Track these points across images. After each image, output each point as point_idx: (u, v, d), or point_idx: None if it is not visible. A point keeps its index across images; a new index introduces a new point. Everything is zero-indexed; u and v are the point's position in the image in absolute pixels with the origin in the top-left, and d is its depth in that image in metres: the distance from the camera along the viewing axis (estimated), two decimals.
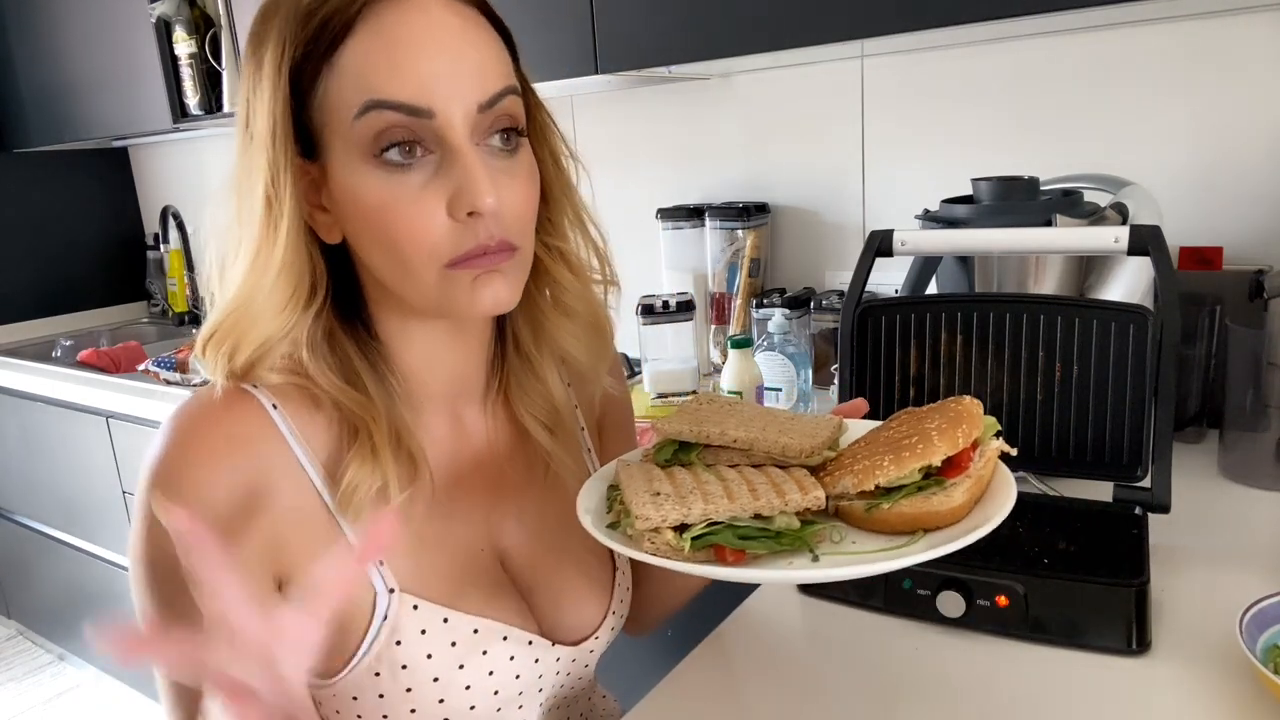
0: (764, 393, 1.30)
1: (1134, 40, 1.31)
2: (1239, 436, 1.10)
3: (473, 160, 0.59)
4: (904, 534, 0.62)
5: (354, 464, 0.64)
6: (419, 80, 0.57)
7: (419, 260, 0.60)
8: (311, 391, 0.65)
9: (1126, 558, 0.80)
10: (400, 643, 0.65)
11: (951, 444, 0.63)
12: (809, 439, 0.68)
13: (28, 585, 2.63)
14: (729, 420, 0.70)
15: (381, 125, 0.58)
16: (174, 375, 1.96)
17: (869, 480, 0.62)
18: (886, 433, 0.68)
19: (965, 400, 0.68)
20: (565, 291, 0.72)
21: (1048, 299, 0.95)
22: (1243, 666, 0.71)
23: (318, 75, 0.59)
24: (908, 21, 1.14)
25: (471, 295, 0.62)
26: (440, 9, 0.59)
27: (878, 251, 0.97)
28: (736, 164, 1.74)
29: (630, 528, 0.61)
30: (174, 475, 0.60)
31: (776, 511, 0.60)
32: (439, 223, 0.59)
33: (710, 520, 0.59)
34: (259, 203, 0.60)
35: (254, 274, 0.61)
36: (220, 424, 0.62)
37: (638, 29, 1.34)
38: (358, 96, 0.58)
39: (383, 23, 0.58)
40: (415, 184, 0.59)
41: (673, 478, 0.65)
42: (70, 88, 2.37)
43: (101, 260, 2.90)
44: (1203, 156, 1.30)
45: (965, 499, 0.62)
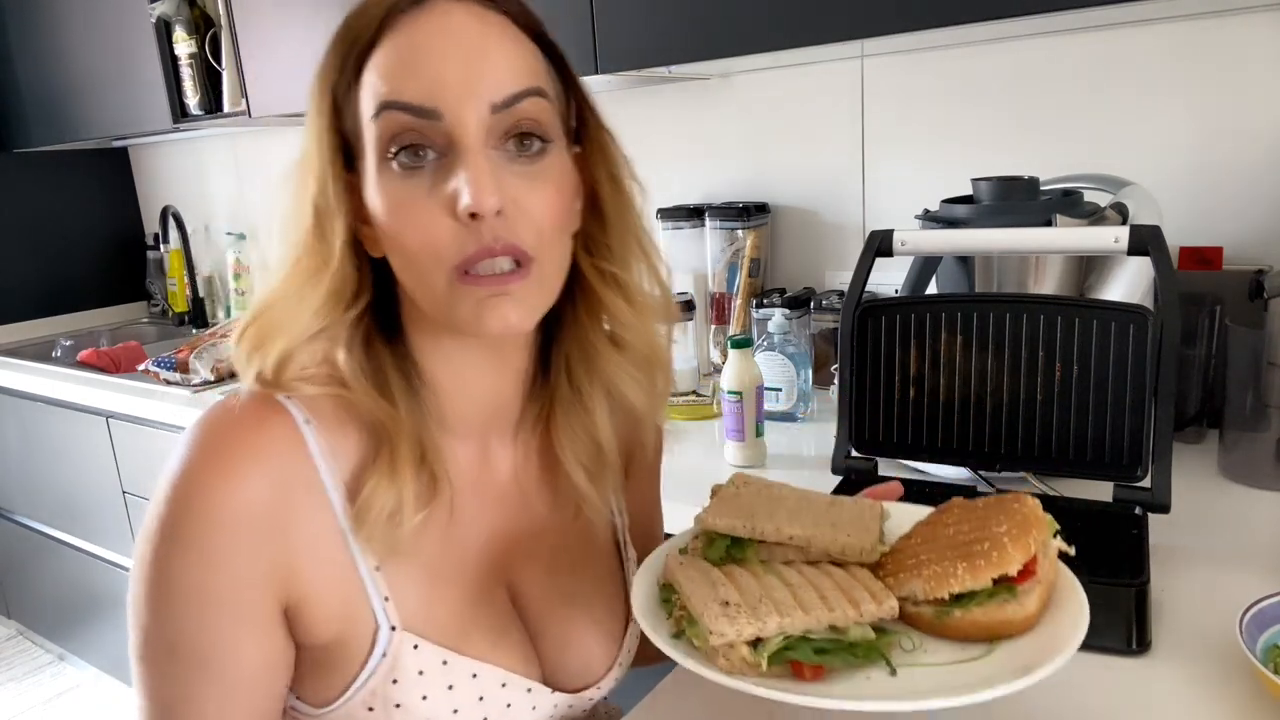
0: (764, 393, 1.30)
1: (1134, 40, 1.31)
2: (1239, 436, 1.10)
3: (478, 159, 0.57)
4: (974, 641, 0.61)
5: (373, 478, 0.62)
6: (429, 81, 0.57)
7: (427, 264, 0.59)
8: (346, 403, 0.63)
9: (1126, 558, 0.80)
10: (396, 681, 0.64)
11: (1025, 552, 0.61)
12: (865, 535, 0.66)
13: (28, 585, 2.63)
14: (778, 513, 0.67)
15: (394, 127, 0.58)
16: (174, 375, 1.96)
17: (942, 588, 0.60)
18: (945, 531, 0.66)
19: (1028, 501, 0.66)
20: (620, 323, 0.69)
21: (1048, 299, 0.95)
22: (1243, 666, 0.71)
23: (350, 88, 0.60)
24: (908, 21, 1.14)
25: (478, 315, 0.60)
26: (462, 14, 0.59)
27: (878, 251, 0.97)
28: (736, 164, 1.74)
29: (698, 637, 0.58)
30: (195, 489, 0.59)
31: (852, 623, 0.58)
32: (443, 225, 0.58)
33: (785, 634, 0.57)
34: (308, 212, 0.61)
35: (296, 273, 0.61)
36: (248, 439, 0.61)
37: (638, 29, 1.34)
38: (375, 100, 0.58)
39: (403, 30, 0.59)
40: (424, 186, 0.58)
41: (735, 581, 0.62)
42: (70, 88, 2.37)
43: (101, 260, 2.90)
44: (1203, 156, 1.30)
45: (1038, 606, 0.61)
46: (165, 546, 0.59)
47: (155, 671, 0.61)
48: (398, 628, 0.64)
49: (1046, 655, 0.56)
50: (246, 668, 0.61)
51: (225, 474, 0.59)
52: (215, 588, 0.59)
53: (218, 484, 0.59)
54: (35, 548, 2.47)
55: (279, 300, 0.62)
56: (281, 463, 0.61)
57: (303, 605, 0.62)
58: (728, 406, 1.26)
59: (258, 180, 2.63)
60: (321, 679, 0.65)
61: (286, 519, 0.61)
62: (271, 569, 0.60)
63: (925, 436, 0.96)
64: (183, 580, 0.59)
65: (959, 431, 0.95)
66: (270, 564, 0.60)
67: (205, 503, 0.58)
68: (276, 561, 0.61)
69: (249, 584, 0.60)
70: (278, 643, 0.63)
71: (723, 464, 1.28)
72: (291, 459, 0.61)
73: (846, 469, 0.99)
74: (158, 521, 0.60)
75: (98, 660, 2.50)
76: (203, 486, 0.59)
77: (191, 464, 0.60)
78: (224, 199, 2.73)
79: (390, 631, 0.64)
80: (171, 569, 0.59)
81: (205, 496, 0.58)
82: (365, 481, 0.62)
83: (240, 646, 0.60)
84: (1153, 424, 0.85)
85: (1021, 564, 0.61)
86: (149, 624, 0.61)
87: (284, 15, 1.85)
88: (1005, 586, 0.61)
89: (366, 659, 0.64)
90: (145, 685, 0.62)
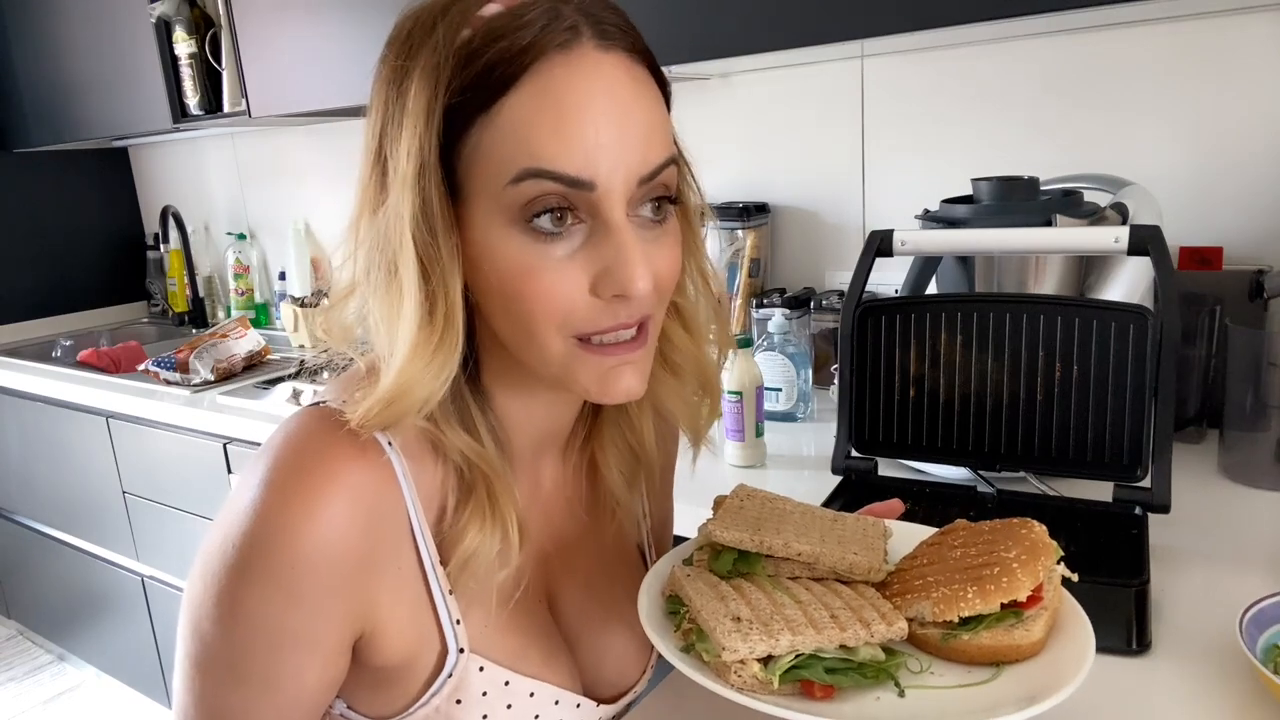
0: (764, 393, 1.30)
1: (1134, 40, 1.31)
2: (1239, 436, 1.10)
3: (628, 239, 0.54)
4: (981, 665, 0.61)
5: (472, 525, 0.60)
6: (584, 150, 0.53)
7: (549, 331, 0.56)
8: (431, 436, 0.61)
9: (1126, 558, 0.80)
10: (460, 702, 0.64)
11: (1034, 578, 0.61)
12: (872, 554, 0.66)
13: (28, 585, 2.63)
14: (785, 527, 0.67)
15: (537, 193, 0.53)
16: (174, 375, 1.96)
17: (951, 611, 0.60)
18: (952, 553, 0.66)
19: (1035, 527, 0.66)
20: (676, 350, 0.68)
21: (1048, 299, 0.95)
22: (1243, 666, 0.71)
23: (470, 122, 0.54)
24: (908, 21, 1.14)
25: (602, 386, 0.58)
26: (612, 67, 0.55)
27: (878, 251, 0.97)
28: (736, 164, 1.74)
29: (708, 652, 0.58)
30: (282, 526, 0.55)
31: (863, 643, 0.58)
32: (579, 298, 0.55)
33: (797, 652, 0.57)
34: (411, 255, 0.54)
35: (423, 339, 0.55)
36: (339, 474, 0.57)
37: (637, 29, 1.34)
38: (515, 161, 0.53)
39: (553, 79, 0.53)
40: (560, 253, 0.55)
41: (746, 596, 0.62)
42: (70, 88, 2.37)
43: (101, 260, 2.90)
44: (1203, 156, 1.30)
45: (1044, 632, 0.62)
46: (242, 576, 0.56)
47: (211, 682, 0.59)
48: (466, 650, 0.63)
49: (1052, 682, 0.57)
50: (307, 690, 0.60)
51: (314, 512, 0.55)
52: (292, 624, 0.57)
53: (306, 523, 0.55)
54: (35, 548, 2.47)
55: (408, 383, 0.56)
56: (371, 499, 0.58)
57: (376, 635, 0.61)
58: (728, 406, 1.26)
59: (258, 180, 2.63)
60: (382, 694, 0.64)
61: (372, 557, 0.59)
62: (351, 606, 0.59)
63: (925, 436, 0.96)
64: (259, 612, 0.57)
65: (959, 431, 0.95)
66: (351, 602, 0.59)
67: (292, 541, 0.55)
68: (357, 598, 0.59)
69: (326, 620, 0.58)
70: (341, 667, 0.62)
71: (723, 464, 1.28)
72: (380, 494, 0.59)
73: (846, 469, 0.99)
74: (236, 549, 0.56)
75: (98, 660, 2.50)
76: (290, 523, 0.55)
77: (278, 496, 0.56)
78: (224, 199, 2.73)
79: (459, 654, 0.63)
80: (249, 599, 0.56)
81: (292, 534, 0.55)
82: (465, 529, 0.60)
83: (305, 673, 0.59)
84: (1153, 424, 0.85)
85: (1031, 590, 0.61)
86: (214, 640, 0.58)
87: (284, 15, 1.85)
88: (1013, 611, 0.61)
89: (433, 680, 0.63)
90: (196, 692, 0.60)
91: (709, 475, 0.74)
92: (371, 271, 0.57)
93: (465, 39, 0.54)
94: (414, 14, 0.56)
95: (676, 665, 0.59)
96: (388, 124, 0.56)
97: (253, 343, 2.07)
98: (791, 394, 1.43)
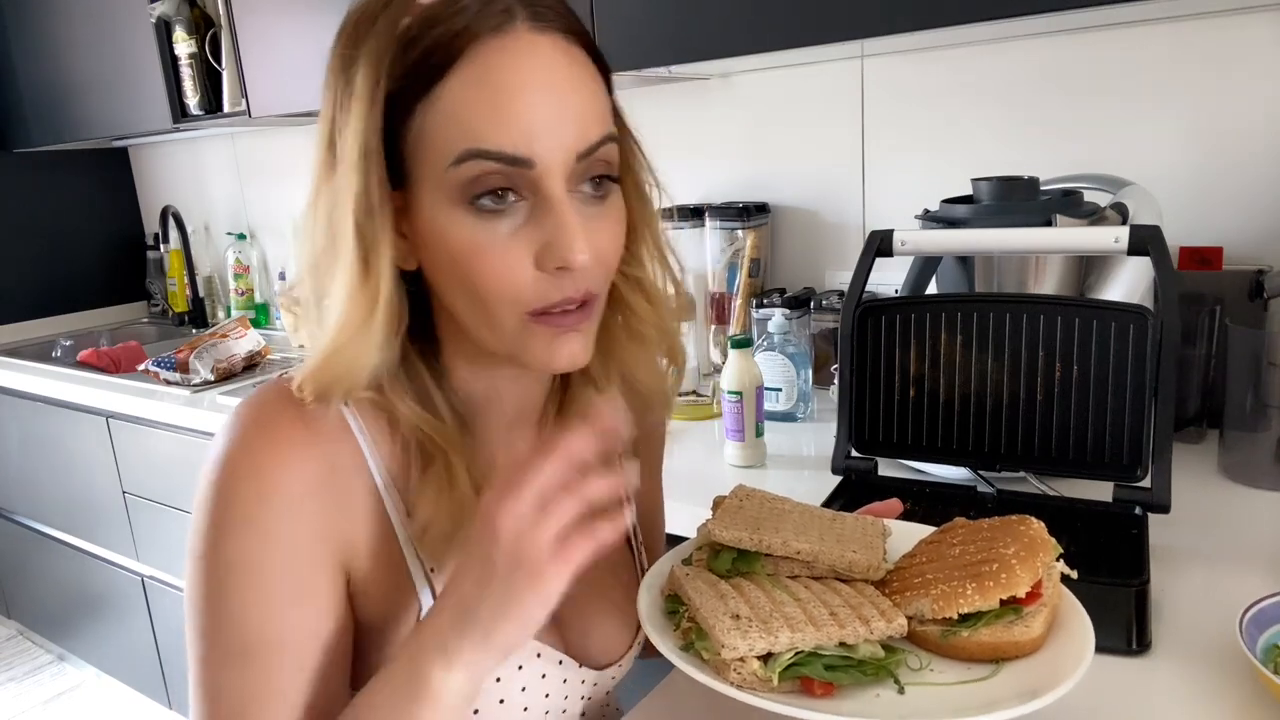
0: (764, 393, 1.30)
1: (1134, 40, 1.31)
2: (1239, 436, 1.10)
3: (567, 213, 0.57)
4: (980, 662, 0.61)
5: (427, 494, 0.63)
6: (521, 129, 0.55)
7: (501, 307, 0.59)
8: (387, 412, 0.64)
9: (1126, 558, 0.80)
10: None
11: (1033, 574, 0.62)
12: (871, 552, 0.66)
13: (28, 585, 2.63)
14: (784, 526, 0.68)
15: (478, 172, 0.56)
16: (174, 375, 1.96)
17: (950, 608, 0.61)
18: (951, 550, 0.67)
19: (1033, 523, 0.67)
20: (640, 320, 0.70)
21: (1048, 299, 0.95)
22: (1243, 666, 0.71)
23: (412, 107, 0.56)
24: (908, 21, 1.14)
25: (549, 352, 0.61)
26: (549, 48, 0.57)
27: (878, 251, 0.97)
28: (736, 164, 1.74)
29: (707, 650, 0.58)
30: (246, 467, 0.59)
31: (862, 640, 0.59)
32: (525, 273, 0.58)
33: (796, 649, 0.57)
34: (349, 234, 0.57)
35: (354, 310, 0.58)
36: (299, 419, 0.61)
37: (638, 29, 1.34)
38: (456, 142, 0.55)
39: (488, 63, 0.55)
40: (505, 231, 0.57)
41: (744, 594, 0.62)
42: (70, 88, 2.37)
43: (101, 260, 2.90)
44: (1203, 156, 1.30)
45: (1043, 629, 0.62)
46: (219, 529, 0.59)
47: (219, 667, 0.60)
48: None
49: (1051, 678, 0.57)
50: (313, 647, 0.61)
51: (277, 452, 0.59)
52: (276, 567, 0.59)
53: (269, 462, 0.59)
54: (35, 548, 2.47)
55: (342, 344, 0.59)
56: (331, 443, 0.61)
57: (355, 579, 0.63)
58: (728, 406, 1.26)
59: (258, 180, 2.63)
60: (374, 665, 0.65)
61: (337, 495, 0.61)
62: (329, 546, 0.61)
63: (925, 436, 0.96)
64: (240, 560, 0.58)
65: (959, 431, 0.95)
66: (328, 541, 0.61)
67: (257, 480, 0.59)
68: (333, 537, 0.61)
69: (308, 560, 0.60)
70: (342, 618, 0.63)
71: (723, 464, 1.28)
72: (341, 442, 0.62)
73: (846, 469, 0.99)
74: (208, 507, 0.59)
75: (98, 660, 2.50)
76: (254, 466, 0.59)
77: (241, 443, 0.60)
78: (224, 199, 2.73)
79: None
80: (229, 548, 0.58)
81: (256, 474, 0.59)
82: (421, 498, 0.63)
83: (305, 625, 0.60)
84: (1153, 424, 0.85)
85: (1030, 586, 0.61)
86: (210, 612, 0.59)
87: (284, 15, 1.85)
88: (1012, 608, 0.61)
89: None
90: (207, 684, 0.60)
91: (709, 475, 0.75)
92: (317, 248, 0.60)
93: (405, 26, 0.56)
94: (362, 5, 0.59)
95: (676, 664, 0.59)
96: (337, 111, 0.58)
97: (253, 343, 2.07)
98: (791, 394, 1.43)
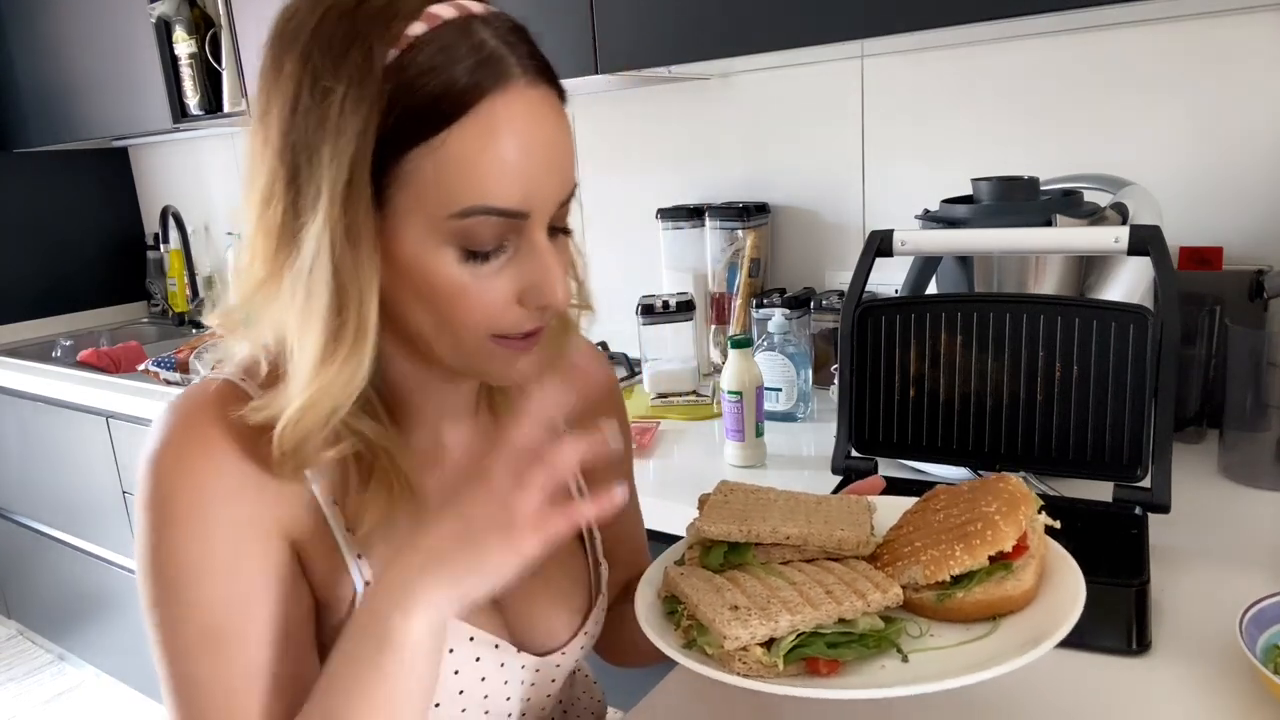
0: (764, 393, 1.30)
1: (1134, 40, 1.31)
2: (1239, 436, 1.10)
3: (551, 259, 0.60)
4: (977, 621, 0.62)
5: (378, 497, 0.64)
6: (524, 185, 0.57)
7: (470, 333, 0.60)
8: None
9: (1126, 558, 0.80)
10: None
11: (1017, 528, 0.63)
12: (859, 528, 0.67)
13: (28, 585, 2.63)
14: (771, 514, 0.68)
15: (480, 224, 0.56)
16: (174, 375, 1.96)
17: (943, 571, 0.62)
18: (935, 517, 0.68)
19: (1011, 479, 0.68)
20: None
21: (1048, 299, 0.95)
22: (1243, 666, 0.71)
23: (406, 147, 0.55)
24: (908, 21, 1.14)
25: (508, 369, 0.63)
26: (540, 102, 0.58)
27: (878, 251, 0.97)
28: (736, 164, 1.74)
29: (710, 645, 0.59)
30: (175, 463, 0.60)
31: (860, 613, 0.59)
32: (507, 308, 0.60)
33: (798, 631, 0.58)
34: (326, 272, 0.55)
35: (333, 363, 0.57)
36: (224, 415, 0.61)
37: (638, 29, 1.34)
38: (463, 196, 0.55)
39: (495, 117, 0.55)
40: (490, 270, 0.59)
41: (740, 585, 0.63)
42: (70, 88, 2.37)
43: (101, 260, 2.90)
44: (1203, 156, 1.30)
45: (1034, 580, 0.63)
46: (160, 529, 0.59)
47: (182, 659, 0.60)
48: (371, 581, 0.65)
49: (1050, 624, 0.58)
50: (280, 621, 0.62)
51: (205, 444, 0.60)
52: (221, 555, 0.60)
53: (199, 453, 0.60)
54: (35, 548, 2.47)
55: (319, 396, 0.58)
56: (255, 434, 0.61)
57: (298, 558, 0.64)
58: (728, 406, 1.26)
59: None
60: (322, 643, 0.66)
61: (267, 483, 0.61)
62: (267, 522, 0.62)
63: (925, 436, 0.96)
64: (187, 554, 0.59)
65: (959, 431, 0.95)
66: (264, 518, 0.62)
67: (190, 473, 0.59)
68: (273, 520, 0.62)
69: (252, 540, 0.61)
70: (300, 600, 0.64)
71: (723, 464, 1.28)
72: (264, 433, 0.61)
73: (846, 469, 0.99)
74: (147, 509, 0.60)
75: (98, 660, 2.50)
76: (184, 460, 0.60)
77: (170, 441, 0.61)
78: (224, 199, 2.73)
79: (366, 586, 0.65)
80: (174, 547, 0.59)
81: (189, 468, 0.60)
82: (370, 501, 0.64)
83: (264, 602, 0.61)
84: (1153, 424, 0.85)
85: (1015, 539, 0.62)
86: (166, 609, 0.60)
87: None
88: (1002, 564, 0.62)
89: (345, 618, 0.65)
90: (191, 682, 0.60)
91: (709, 476, 0.75)
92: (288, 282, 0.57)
93: (396, 62, 0.54)
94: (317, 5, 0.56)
95: (681, 662, 0.59)
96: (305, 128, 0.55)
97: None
98: (791, 394, 1.43)
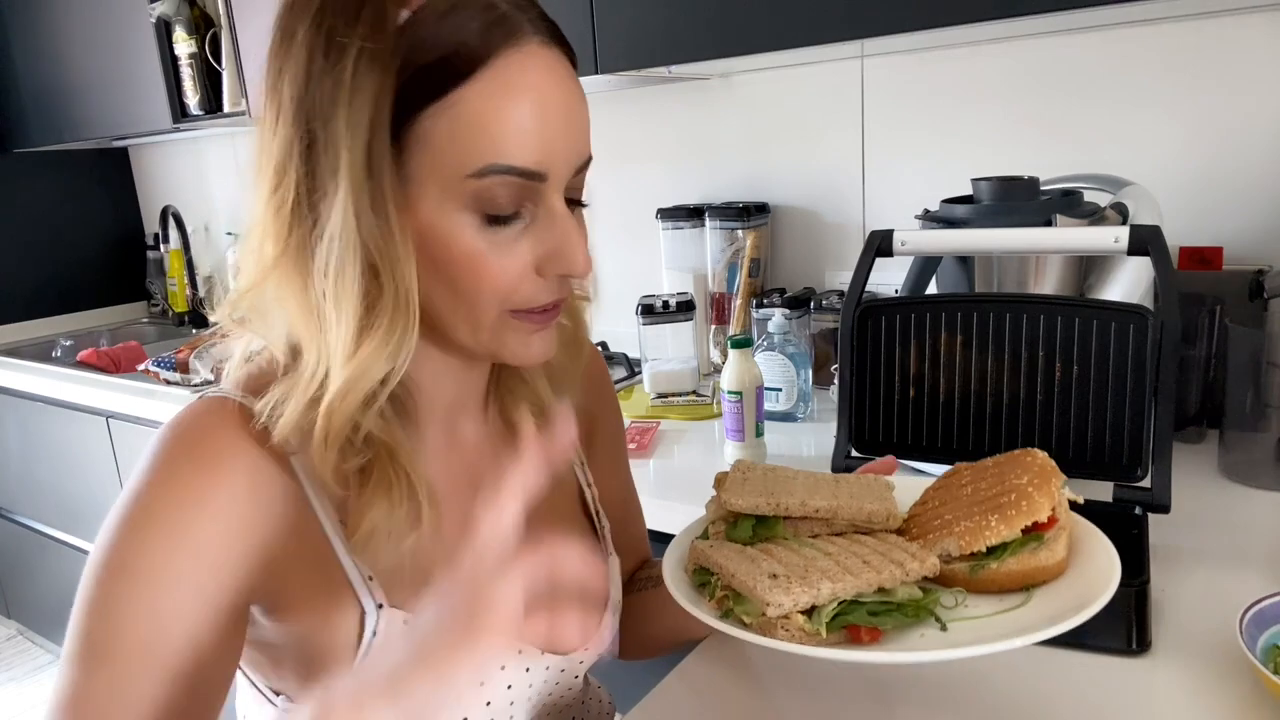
0: (764, 393, 1.30)
1: (1134, 40, 1.31)
2: (1239, 436, 1.10)
3: (571, 225, 0.59)
4: (1010, 592, 0.63)
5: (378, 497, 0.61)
6: (542, 144, 0.56)
7: (488, 305, 0.59)
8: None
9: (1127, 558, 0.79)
10: None
11: (1050, 499, 0.63)
12: (885, 502, 0.68)
13: (28, 585, 2.63)
14: (796, 489, 0.68)
15: (497, 185, 0.55)
16: (174, 375, 1.96)
17: (978, 541, 0.62)
18: (962, 491, 0.68)
19: (1037, 454, 0.69)
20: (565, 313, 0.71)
21: (1048, 299, 0.95)
22: (1243, 666, 0.71)
23: (419, 108, 0.54)
24: (908, 21, 1.14)
25: (525, 347, 0.62)
26: (556, 62, 0.57)
27: (878, 251, 0.97)
28: (736, 164, 1.74)
29: (748, 614, 0.59)
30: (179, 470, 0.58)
31: (899, 583, 0.60)
32: (525, 276, 0.59)
33: (839, 599, 0.58)
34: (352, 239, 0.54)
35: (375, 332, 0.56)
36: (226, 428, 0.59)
37: (638, 29, 1.34)
38: (480, 154, 0.54)
39: (509, 73, 0.54)
40: (509, 236, 0.57)
41: (775, 555, 0.63)
42: (70, 88, 2.37)
43: (101, 260, 2.90)
44: (1203, 156, 1.30)
45: (1066, 551, 0.64)
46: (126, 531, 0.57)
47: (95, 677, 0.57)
48: (384, 605, 0.63)
49: (1087, 592, 0.59)
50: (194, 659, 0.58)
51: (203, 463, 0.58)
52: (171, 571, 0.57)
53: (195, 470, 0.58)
54: (35, 548, 2.47)
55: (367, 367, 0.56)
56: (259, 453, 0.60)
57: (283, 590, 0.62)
58: (728, 406, 1.26)
59: None
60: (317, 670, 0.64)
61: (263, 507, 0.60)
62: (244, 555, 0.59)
63: (925, 436, 0.96)
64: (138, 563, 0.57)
65: (959, 431, 0.95)
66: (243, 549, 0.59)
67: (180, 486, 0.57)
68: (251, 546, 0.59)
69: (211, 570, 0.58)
70: (231, 637, 0.61)
71: (723, 464, 1.28)
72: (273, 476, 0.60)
73: (846, 469, 0.99)
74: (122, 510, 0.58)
75: None
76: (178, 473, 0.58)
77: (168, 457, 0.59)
78: (224, 199, 2.73)
79: (378, 610, 0.63)
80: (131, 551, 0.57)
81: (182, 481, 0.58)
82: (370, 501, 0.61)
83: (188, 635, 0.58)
84: (1153, 424, 0.85)
85: (1050, 510, 0.63)
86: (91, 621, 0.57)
87: None
88: (1034, 535, 0.63)
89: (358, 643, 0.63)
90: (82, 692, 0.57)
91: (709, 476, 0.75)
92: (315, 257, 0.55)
93: (409, 21, 0.53)
94: None
95: (720, 629, 0.60)
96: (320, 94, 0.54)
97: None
98: (791, 394, 1.43)
